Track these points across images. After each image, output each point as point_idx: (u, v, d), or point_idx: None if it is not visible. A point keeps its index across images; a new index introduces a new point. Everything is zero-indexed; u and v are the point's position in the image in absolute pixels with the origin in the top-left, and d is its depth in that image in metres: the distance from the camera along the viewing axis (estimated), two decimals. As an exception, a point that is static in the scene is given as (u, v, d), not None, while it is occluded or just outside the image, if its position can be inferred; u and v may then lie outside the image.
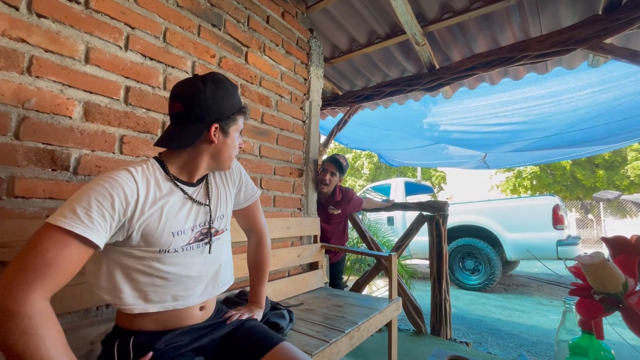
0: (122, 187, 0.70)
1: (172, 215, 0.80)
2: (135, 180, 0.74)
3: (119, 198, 0.69)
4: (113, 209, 0.68)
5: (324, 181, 2.19)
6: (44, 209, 0.97)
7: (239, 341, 0.90)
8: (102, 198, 0.66)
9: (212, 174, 0.96)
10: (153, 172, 0.80)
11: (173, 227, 0.79)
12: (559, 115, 3.23)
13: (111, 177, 0.70)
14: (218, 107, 0.82)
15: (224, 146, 0.87)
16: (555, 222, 4.04)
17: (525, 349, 2.45)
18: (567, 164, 12.48)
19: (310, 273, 1.95)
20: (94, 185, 0.68)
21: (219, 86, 0.83)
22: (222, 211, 0.95)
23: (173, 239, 0.79)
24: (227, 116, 0.85)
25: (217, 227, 0.92)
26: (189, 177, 0.87)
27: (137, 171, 0.76)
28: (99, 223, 0.65)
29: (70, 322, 0.99)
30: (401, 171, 14.16)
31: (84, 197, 0.65)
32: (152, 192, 0.77)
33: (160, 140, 0.83)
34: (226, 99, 0.84)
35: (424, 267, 5.61)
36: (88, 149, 1.07)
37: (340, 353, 1.24)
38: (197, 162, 0.86)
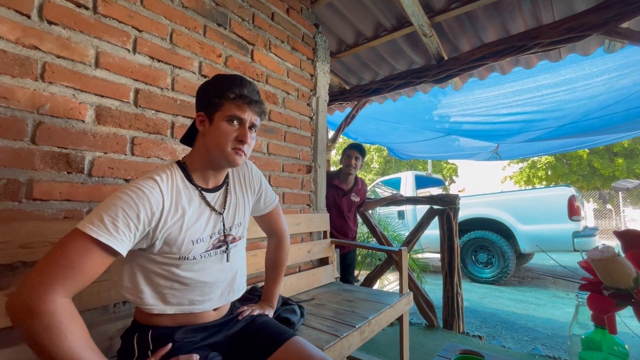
0: (148, 198, 0.72)
1: (192, 223, 0.82)
2: (161, 190, 0.75)
3: (144, 209, 0.71)
4: (138, 219, 0.70)
5: (351, 166, 2.34)
6: (61, 210, 1.00)
7: (251, 337, 0.92)
8: (128, 208, 0.69)
9: (232, 180, 0.97)
10: (175, 180, 0.81)
11: (193, 235, 0.81)
12: (574, 103, 3.13)
13: (138, 186, 0.72)
14: (205, 96, 0.85)
15: (210, 134, 0.84)
16: (571, 214, 3.94)
17: (541, 343, 2.42)
18: (583, 153, 12.11)
19: (321, 268, 1.96)
20: (121, 194, 0.70)
21: (213, 78, 0.87)
22: (239, 219, 0.95)
23: (192, 246, 0.81)
24: (211, 103, 0.84)
25: (234, 235, 0.93)
26: (206, 181, 0.88)
27: (163, 180, 0.77)
28: (123, 232, 0.68)
29: (89, 319, 1.03)
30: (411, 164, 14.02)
31: (111, 206, 0.68)
32: (175, 201, 0.79)
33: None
34: (214, 87, 0.85)
35: (436, 261, 5.56)
36: (101, 151, 1.10)
37: (352, 347, 1.25)
38: (203, 159, 0.86)
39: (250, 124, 0.85)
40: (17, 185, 0.92)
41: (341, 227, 2.40)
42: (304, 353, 0.85)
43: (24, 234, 0.87)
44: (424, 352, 2.09)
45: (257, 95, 0.87)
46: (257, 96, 0.87)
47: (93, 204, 1.07)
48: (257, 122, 0.87)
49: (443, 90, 3.12)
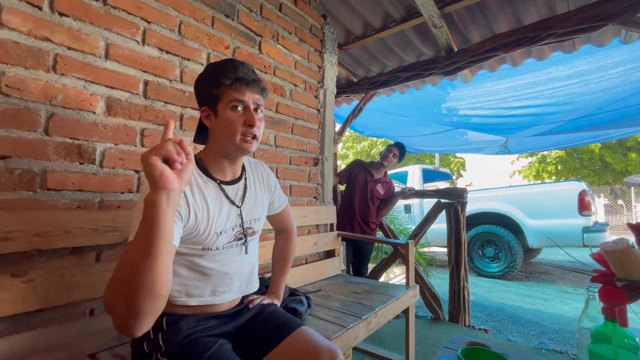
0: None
1: (216, 215, 0.83)
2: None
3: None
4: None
5: (388, 158, 2.49)
6: (74, 200, 1.02)
7: (260, 326, 0.93)
8: None
9: (250, 175, 0.98)
10: (193, 174, 0.81)
11: (217, 227, 0.83)
12: (587, 96, 3.06)
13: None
14: (203, 90, 0.83)
15: (218, 127, 0.82)
16: (582, 209, 3.88)
17: (547, 337, 2.41)
18: (595, 147, 11.85)
19: (327, 260, 1.98)
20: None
21: (205, 69, 0.84)
22: (258, 213, 0.97)
23: (217, 238, 0.84)
24: (210, 95, 0.81)
25: (253, 228, 0.95)
26: (224, 173, 0.88)
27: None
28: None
29: (103, 306, 1.05)
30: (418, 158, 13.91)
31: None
32: (197, 194, 0.80)
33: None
34: (208, 79, 0.82)
35: (442, 255, 5.55)
36: (111, 142, 1.11)
37: (358, 338, 1.27)
38: (218, 152, 0.86)
39: (254, 106, 0.83)
40: (32, 175, 0.94)
41: (364, 215, 2.46)
42: (312, 342, 0.86)
43: (39, 223, 0.89)
44: (429, 344, 2.11)
45: (254, 74, 0.84)
46: (254, 75, 0.84)
47: (105, 195, 1.09)
48: (260, 101, 0.85)
49: (452, 82, 3.08)
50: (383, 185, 2.55)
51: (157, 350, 0.75)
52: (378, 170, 2.54)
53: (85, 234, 0.97)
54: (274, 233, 1.60)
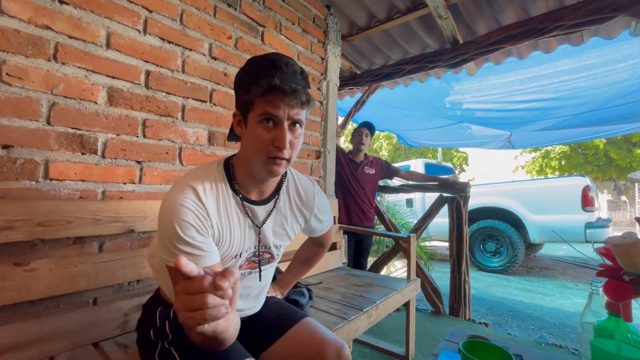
0: (194, 213, 0.66)
1: (237, 238, 0.76)
2: (202, 202, 0.68)
3: (196, 222, 0.66)
4: (201, 233, 0.66)
5: (362, 142, 2.49)
6: (76, 190, 1.02)
7: (263, 318, 0.93)
8: (186, 229, 0.64)
9: (284, 198, 0.83)
10: (220, 189, 0.72)
11: (236, 249, 0.77)
12: (593, 90, 3.01)
13: (180, 204, 0.64)
14: (237, 90, 0.71)
15: (245, 140, 0.71)
16: (585, 204, 3.86)
17: (547, 332, 2.42)
18: (600, 142, 11.75)
19: (329, 253, 1.98)
20: (172, 219, 0.63)
21: (246, 63, 0.70)
22: (279, 241, 0.85)
23: (233, 261, 0.78)
24: (242, 101, 0.69)
25: (272, 254, 0.86)
26: (248, 190, 0.76)
27: (206, 190, 0.69)
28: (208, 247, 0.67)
29: (106, 296, 1.07)
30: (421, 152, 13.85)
31: (176, 237, 0.63)
32: (222, 212, 0.72)
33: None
34: (243, 78, 0.69)
35: (443, 249, 5.56)
36: (113, 132, 1.11)
37: (359, 330, 1.27)
38: (244, 166, 0.74)
39: (289, 121, 0.67)
40: (34, 165, 0.94)
41: (361, 206, 2.45)
42: (316, 334, 0.86)
43: (42, 212, 0.89)
44: (429, 337, 2.12)
45: (296, 81, 0.66)
46: (295, 82, 0.65)
47: (107, 185, 1.09)
48: (300, 116, 0.67)
49: (456, 76, 3.04)
50: (369, 165, 2.54)
51: (164, 338, 0.75)
52: (358, 156, 2.54)
53: (87, 224, 0.98)
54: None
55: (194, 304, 0.42)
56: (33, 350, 0.86)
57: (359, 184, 2.46)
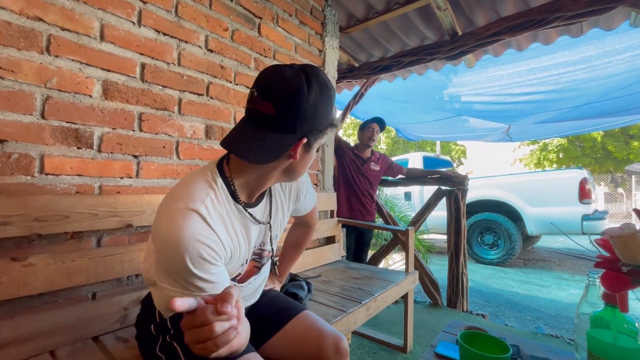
0: (206, 245, 0.59)
1: (244, 247, 0.74)
2: (210, 226, 0.61)
3: (210, 254, 0.60)
4: (214, 263, 0.61)
5: (372, 138, 2.46)
6: (73, 185, 1.02)
7: (262, 311, 0.93)
8: (199, 265, 0.58)
9: (274, 188, 0.83)
10: (222, 203, 0.66)
11: (241, 259, 0.74)
12: (592, 83, 3.01)
13: (189, 237, 0.57)
14: (316, 119, 0.64)
15: (301, 162, 0.69)
16: (582, 196, 3.89)
17: (543, 322, 2.45)
18: (598, 135, 11.78)
19: (327, 247, 1.99)
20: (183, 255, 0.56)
21: (324, 92, 0.64)
22: (277, 231, 0.85)
23: (241, 267, 0.77)
24: (319, 130, 0.66)
25: (269, 248, 0.85)
26: (249, 195, 0.73)
27: (209, 209, 0.62)
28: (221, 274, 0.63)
29: (105, 290, 1.07)
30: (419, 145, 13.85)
31: (188, 273, 0.58)
32: (228, 230, 0.67)
33: (234, 143, 0.62)
34: (326, 110, 0.66)
35: (441, 242, 5.60)
36: (109, 126, 1.10)
37: (358, 322, 1.28)
38: (265, 179, 0.70)
39: None
40: (29, 159, 0.93)
41: (363, 201, 2.46)
42: (314, 326, 0.87)
43: (38, 207, 0.89)
44: (427, 329, 2.14)
45: None
46: None
47: (104, 180, 1.09)
48: None
49: (455, 68, 3.02)
50: (375, 162, 2.54)
51: (165, 333, 0.75)
52: (365, 151, 2.53)
53: (85, 219, 0.97)
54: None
55: (202, 335, 0.43)
56: (33, 344, 0.87)
57: (364, 179, 2.46)
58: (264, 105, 0.61)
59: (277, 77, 0.62)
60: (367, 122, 2.52)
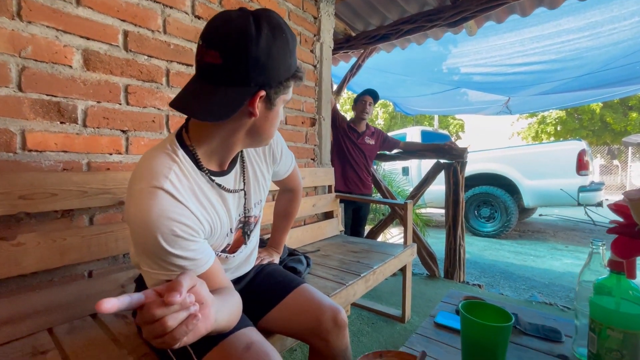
0: (178, 221, 0.56)
1: (225, 219, 0.71)
2: (178, 200, 0.57)
3: (184, 231, 0.56)
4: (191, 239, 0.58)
5: (365, 110, 2.41)
6: (59, 162, 0.97)
7: (260, 285, 0.93)
8: (174, 243, 0.55)
9: (247, 153, 0.79)
10: (189, 174, 0.61)
11: (224, 231, 0.71)
12: (595, 51, 2.93)
13: (158, 216, 0.53)
14: (271, 67, 0.57)
15: (265, 122, 0.63)
16: (580, 168, 3.89)
17: (537, 291, 2.51)
18: (597, 107, 11.68)
19: (326, 222, 1.98)
20: (155, 235, 0.53)
21: (277, 35, 0.57)
22: (259, 195, 0.82)
23: (223, 240, 0.74)
24: (278, 82, 0.59)
25: (255, 214, 0.82)
26: (219, 164, 0.68)
27: (174, 183, 0.57)
28: (201, 250, 0.60)
29: (101, 268, 1.05)
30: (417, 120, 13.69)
31: (165, 253, 0.55)
32: (200, 202, 0.63)
33: (184, 102, 0.57)
34: (284, 57, 0.58)
35: (438, 216, 5.66)
36: (93, 100, 1.04)
37: (357, 294, 1.29)
38: (230, 143, 0.65)
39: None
40: (9, 135, 0.88)
41: (359, 175, 2.44)
42: (313, 299, 0.86)
43: (23, 185, 0.85)
44: (424, 299, 2.19)
45: None
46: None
47: (92, 156, 1.04)
48: None
49: (454, 38, 2.91)
50: (371, 136, 2.50)
51: None
52: (360, 124, 2.48)
53: (74, 197, 0.94)
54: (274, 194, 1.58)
55: (156, 331, 0.40)
56: (30, 322, 0.86)
57: (359, 152, 2.42)
58: (210, 54, 0.54)
59: (222, 22, 0.55)
60: (360, 95, 2.47)
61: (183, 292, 0.40)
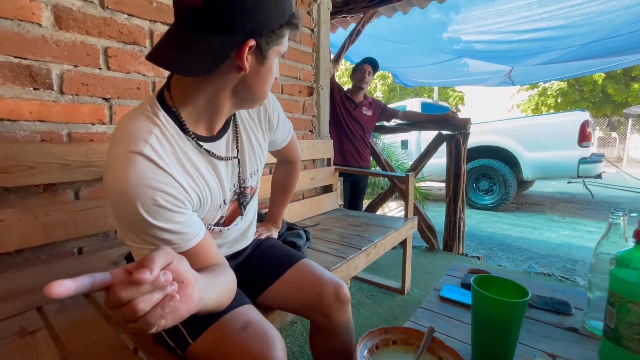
0: (160, 190, 0.50)
1: (216, 189, 0.64)
2: (165, 171, 0.51)
3: (167, 200, 0.51)
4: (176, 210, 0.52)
5: (364, 80, 2.28)
6: (35, 132, 0.90)
7: (259, 260, 0.89)
8: (157, 214, 0.49)
9: (240, 117, 0.71)
10: (172, 138, 0.55)
11: (215, 203, 0.65)
12: (606, 16, 2.78)
13: (137, 184, 0.48)
14: (261, 12, 0.49)
15: (256, 78, 0.55)
16: (582, 140, 3.83)
17: (535, 262, 2.54)
18: (599, 77, 11.44)
19: (325, 195, 1.94)
20: (135, 205, 0.48)
21: None
22: (256, 165, 0.75)
23: (216, 212, 0.67)
24: (270, 29, 0.51)
25: (251, 185, 0.76)
26: (208, 128, 0.61)
27: (157, 152, 0.51)
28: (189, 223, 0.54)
29: (92, 245, 1.00)
30: (416, 92, 13.40)
31: (147, 225, 0.49)
32: (186, 169, 0.57)
33: (161, 54, 0.49)
34: (276, 2, 0.51)
35: (436, 190, 5.65)
36: (69, 63, 0.94)
37: (358, 268, 1.27)
38: (218, 103, 0.57)
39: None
40: (-24, 102, 0.80)
41: (356, 147, 2.36)
42: (314, 275, 0.83)
43: (-4, 157, 0.78)
44: (424, 271, 2.20)
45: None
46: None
47: (72, 126, 0.96)
48: None
49: (457, 4, 2.75)
50: (369, 107, 2.40)
51: None
52: (357, 95, 2.36)
53: (54, 170, 0.87)
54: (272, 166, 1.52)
55: (127, 315, 0.33)
56: (18, 301, 0.82)
57: (356, 124, 2.33)
58: None
59: None
60: (359, 64, 2.33)
61: (154, 270, 0.33)
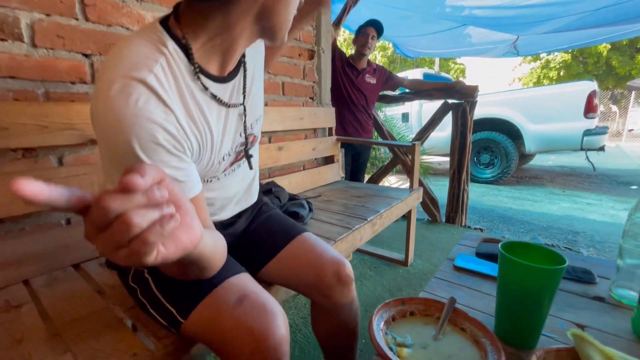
0: (159, 125, 0.43)
1: (219, 136, 0.57)
2: (169, 107, 0.45)
3: (166, 139, 0.44)
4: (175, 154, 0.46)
5: (367, 45, 2.13)
6: (8, 90, 0.80)
7: (255, 234, 0.81)
8: (153, 152, 0.43)
9: (248, 53, 0.62)
10: (182, 78, 0.47)
11: (223, 149, 0.59)
12: (624, -25, 2.61)
13: (134, 114, 0.40)
14: None
15: (279, 2, 0.49)
16: (588, 111, 3.72)
17: (536, 234, 2.52)
18: (604, 49, 11.13)
19: (326, 167, 1.86)
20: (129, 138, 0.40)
21: None
22: (259, 111, 0.70)
23: (219, 165, 0.61)
24: None
25: (255, 133, 0.70)
26: (221, 65, 0.53)
27: (162, 84, 0.44)
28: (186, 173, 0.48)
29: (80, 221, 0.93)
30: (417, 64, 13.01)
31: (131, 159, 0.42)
32: (195, 111, 0.50)
33: None
34: None
35: (436, 164, 5.59)
36: (40, 11, 0.83)
37: (363, 239, 1.22)
38: (234, 35, 0.49)
39: None
40: None
41: (359, 117, 2.26)
42: (313, 252, 0.75)
43: (-39, 116, 0.69)
44: (426, 243, 2.17)
45: None
46: None
47: (49, 85, 0.86)
48: None
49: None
50: (372, 74, 2.27)
51: None
52: (361, 61, 2.22)
53: (31, 132, 0.78)
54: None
55: (117, 236, 0.24)
56: (1, 274, 0.76)
57: (358, 93, 2.21)
58: None
59: None
60: (362, 27, 2.16)
61: (146, 176, 0.24)
